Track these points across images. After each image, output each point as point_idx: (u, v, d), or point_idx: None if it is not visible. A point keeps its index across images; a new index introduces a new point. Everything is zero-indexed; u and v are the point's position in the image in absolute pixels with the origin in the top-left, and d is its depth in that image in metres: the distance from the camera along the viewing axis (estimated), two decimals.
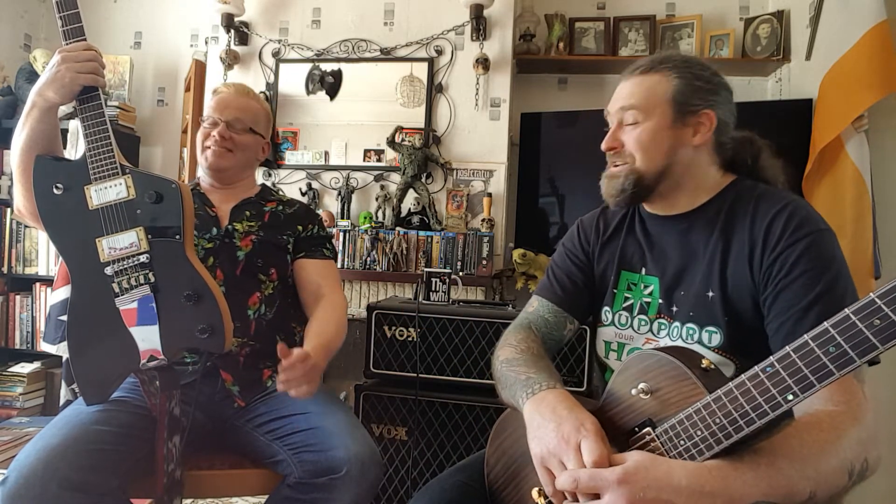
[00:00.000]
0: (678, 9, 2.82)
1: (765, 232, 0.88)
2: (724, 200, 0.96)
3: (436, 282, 1.89)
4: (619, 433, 0.80)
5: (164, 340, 1.07)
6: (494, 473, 0.98)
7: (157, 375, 1.10)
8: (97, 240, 1.08)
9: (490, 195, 2.63)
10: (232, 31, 2.81)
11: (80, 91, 1.09)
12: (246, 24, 2.84)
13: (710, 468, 0.67)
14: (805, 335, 0.61)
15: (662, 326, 0.98)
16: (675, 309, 0.96)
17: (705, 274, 0.92)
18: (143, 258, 1.08)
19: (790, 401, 0.62)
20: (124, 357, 1.08)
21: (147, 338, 1.08)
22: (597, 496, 0.69)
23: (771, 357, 0.64)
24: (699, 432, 0.68)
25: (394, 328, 1.81)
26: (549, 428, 0.79)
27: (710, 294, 0.91)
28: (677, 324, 0.95)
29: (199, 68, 2.96)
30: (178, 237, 1.10)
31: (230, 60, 2.81)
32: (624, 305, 1.03)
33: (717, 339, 0.90)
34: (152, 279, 1.08)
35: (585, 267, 1.10)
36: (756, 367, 0.65)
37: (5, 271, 2.79)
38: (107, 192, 1.08)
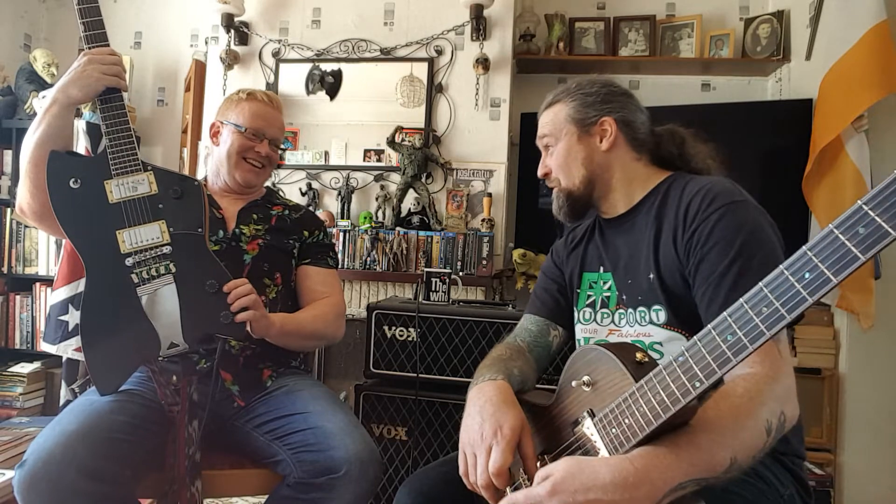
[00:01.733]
0: (678, 9, 2.82)
1: (684, 212, 0.95)
2: (658, 192, 1.04)
3: (436, 282, 1.89)
4: (566, 423, 0.85)
5: (185, 327, 1.11)
6: None
7: (172, 374, 1.13)
8: (118, 232, 1.12)
9: (490, 195, 2.63)
10: (232, 31, 2.81)
11: (102, 91, 1.14)
12: (246, 24, 2.84)
13: (633, 459, 0.70)
14: (708, 325, 0.65)
15: (622, 316, 1.04)
16: (625, 297, 1.04)
17: (645, 259, 1.00)
18: (165, 249, 1.13)
19: (697, 387, 0.65)
20: (143, 346, 1.11)
21: (168, 325, 1.11)
22: None
23: (683, 346, 0.68)
24: (626, 420, 0.72)
25: (394, 328, 1.81)
26: (475, 422, 0.87)
27: (651, 276, 0.98)
28: (631, 309, 1.02)
29: (199, 68, 2.96)
30: (199, 230, 1.16)
31: (230, 60, 2.81)
32: (587, 303, 1.11)
33: (663, 316, 0.97)
34: (173, 269, 1.13)
35: (559, 279, 1.20)
36: (671, 356, 0.69)
37: (5, 271, 2.79)
38: (129, 187, 1.14)
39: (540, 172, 1.15)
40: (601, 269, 1.10)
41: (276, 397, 1.27)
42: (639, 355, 0.76)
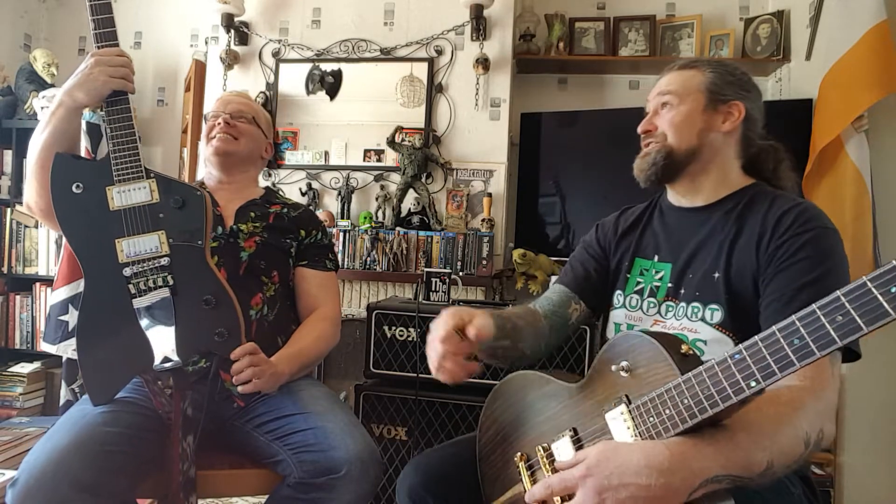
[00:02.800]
0: (678, 9, 2.82)
1: (776, 222, 0.94)
2: (742, 196, 1.03)
3: (436, 282, 1.89)
4: (597, 405, 0.84)
5: (179, 342, 1.09)
6: (486, 438, 1.03)
7: (169, 376, 1.11)
8: (117, 240, 1.10)
9: (490, 195, 2.63)
10: (232, 31, 2.80)
11: (109, 94, 1.12)
12: (246, 24, 2.84)
13: (669, 445, 0.70)
14: (773, 326, 0.64)
15: (670, 308, 1.03)
16: (683, 291, 1.02)
17: (714, 257, 0.99)
18: (163, 261, 1.10)
19: (752, 387, 0.65)
20: (137, 357, 1.09)
21: (162, 339, 1.09)
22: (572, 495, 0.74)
23: (740, 345, 0.67)
24: (667, 411, 0.72)
25: (394, 328, 1.81)
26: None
27: (716, 275, 0.97)
28: (683, 304, 1.01)
29: (199, 68, 2.96)
30: (199, 242, 1.12)
31: (230, 60, 2.81)
32: (635, 289, 1.09)
33: (718, 316, 0.96)
34: (171, 282, 1.10)
35: (599, 257, 1.18)
36: (726, 352, 0.68)
37: (5, 271, 2.79)
38: (130, 195, 1.11)
39: (642, 128, 1.09)
40: (656, 257, 1.09)
41: (276, 397, 1.27)
42: (684, 348, 0.76)
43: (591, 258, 1.18)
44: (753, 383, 0.64)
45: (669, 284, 1.04)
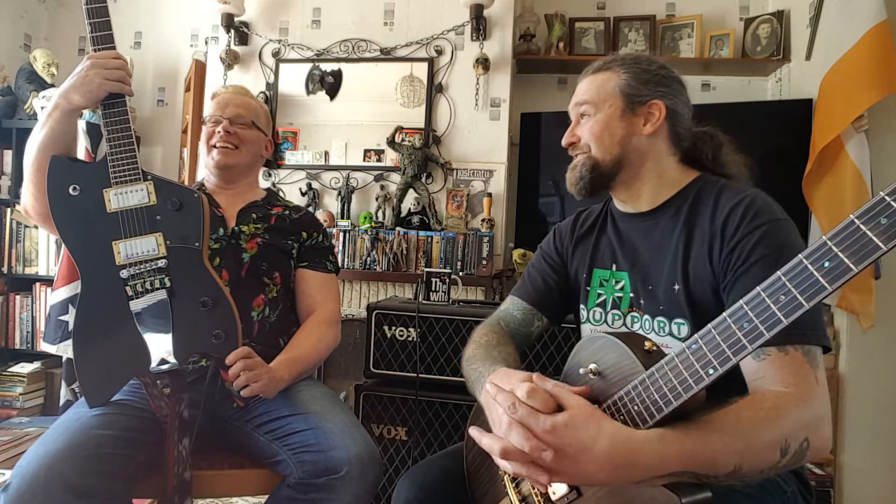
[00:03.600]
0: (678, 9, 2.82)
1: (723, 224, 0.90)
2: (687, 195, 0.98)
3: (436, 282, 1.89)
4: None
5: (176, 344, 1.09)
6: (472, 455, 1.02)
7: (166, 378, 1.11)
8: (114, 243, 1.09)
9: (490, 195, 2.63)
10: (232, 31, 2.81)
11: (105, 97, 1.11)
12: (246, 24, 2.84)
13: (637, 440, 0.68)
14: (724, 312, 0.65)
15: (635, 319, 1.00)
16: (643, 302, 0.99)
17: (671, 267, 0.95)
18: (160, 263, 1.10)
19: (710, 374, 0.65)
20: (134, 359, 1.09)
21: (159, 341, 1.09)
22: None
23: (696, 334, 0.67)
24: (635, 407, 0.72)
25: (394, 328, 1.81)
26: (495, 405, 0.79)
27: (676, 287, 0.94)
28: (648, 317, 0.98)
29: (199, 68, 2.96)
30: (196, 245, 1.12)
31: (230, 60, 2.81)
32: (597, 302, 1.06)
33: (685, 330, 0.93)
34: (168, 284, 1.10)
35: (559, 267, 1.15)
36: (684, 343, 0.68)
37: (5, 271, 2.79)
38: (127, 197, 1.10)
39: (565, 141, 1.06)
40: (614, 266, 1.05)
41: (276, 397, 1.27)
42: (647, 344, 0.76)
43: (551, 270, 1.15)
44: (711, 370, 0.64)
45: (631, 294, 1.01)
